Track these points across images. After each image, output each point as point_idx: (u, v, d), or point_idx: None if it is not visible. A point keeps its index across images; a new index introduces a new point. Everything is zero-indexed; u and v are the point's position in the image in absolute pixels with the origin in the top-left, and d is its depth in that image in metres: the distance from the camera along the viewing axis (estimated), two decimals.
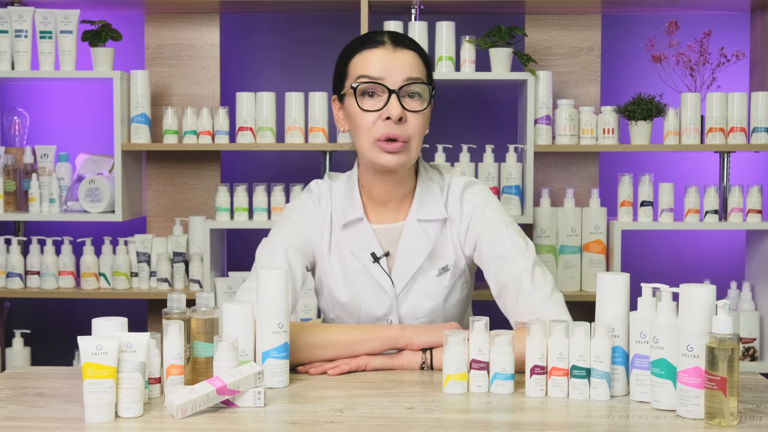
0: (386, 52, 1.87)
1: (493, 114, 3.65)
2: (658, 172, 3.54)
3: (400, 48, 1.88)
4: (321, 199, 1.99)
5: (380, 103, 1.86)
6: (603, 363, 1.60)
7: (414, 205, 1.95)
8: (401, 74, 1.86)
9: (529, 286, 1.85)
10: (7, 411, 1.54)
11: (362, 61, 1.88)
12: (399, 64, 1.86)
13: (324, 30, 3.65)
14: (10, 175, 3.38)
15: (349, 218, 1.95)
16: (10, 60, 3.33)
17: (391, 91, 1.85)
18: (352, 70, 1.90)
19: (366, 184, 1.97)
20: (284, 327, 1.68)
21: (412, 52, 1.89)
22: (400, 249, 1.94)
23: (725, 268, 3.60)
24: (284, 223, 1.98)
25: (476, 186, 1.99)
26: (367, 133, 1.87)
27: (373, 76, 1.86)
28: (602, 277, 1.63)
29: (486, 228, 1.93)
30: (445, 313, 1.97)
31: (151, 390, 1.60)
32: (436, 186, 1.98)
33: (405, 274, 1.93)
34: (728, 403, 1.45)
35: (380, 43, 1.89)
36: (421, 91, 1.88)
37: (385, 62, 1.86)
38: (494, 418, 1.52)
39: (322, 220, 1.97)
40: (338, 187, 2.00)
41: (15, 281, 3.38)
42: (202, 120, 3.32)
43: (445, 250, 1.96)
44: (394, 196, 1.96)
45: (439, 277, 1.95)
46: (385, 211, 1.97)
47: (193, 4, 3.42)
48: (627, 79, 3.61)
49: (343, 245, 1.95)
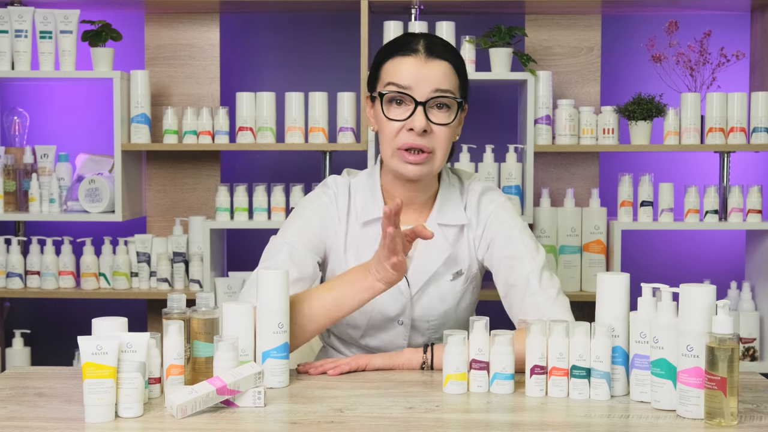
0: (417, 62, 1.85)
1: (493, 114, 3.65)
2: (658, 172, 3.54)
3: (432, 58, 1.86)
4: (338, 196, 1.97)
5: (406, 113, 1.85)
6: (603, 363, 1.60)
7: (435, 210, 1.96)
8: (430, 86, 1.84)
9: (537, 287, 1.86)
10: (7, 411, 1.54)
11: (393, 68, 1.87)
12: (429, 74, 1.85)
13: (324, 30, 3.65)
14: (10, 175, 3.38)
15: (370, 216, 1.94)
16: (10, 60, 3.33)
17: (417, 103, 1.84)
18: (384, 74, 1.89)
19: (387, 185, 1.96)
20: (284, 327, 1.68)
21: (444, 62, 1.87)
22: (419, 251, 1.93)
23: (725, 268, 3.60)
24: (295, 220, 1.97)
25: (493, 192, 2.00)
26: (390, 140, 1.87)
27: (402, 85, 1.85)
28: (602, 277, 1.63)
29: (499, 229, 1.94)
30: (456, 317, 1.99)
31: (151, 390, 1.60)
32: (457, 192, 1.98)
33: (421, 276, 1.94)
34: (728, 403, 1.45)
35: (413, 51, 1.86)
36: (449, 103, 1.87)
37: (414, 72, 1.85)
38: (494, 418, 1.52)
39: (337, 216, 1.96)
40: (358, 183, 1.99)
41: (15, 281, 3.38)
42: (202, 120, 3.32)
43: (460, 255, 1.96)
44: (416, 201, 1.96)
45: (453, 281, 1.95)
46: (406, 212, 1.95)
47: (193, 4, 3.42)
48: (627, 79, 3.61)
49: (362, 242, 1.94)
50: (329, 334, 2.08)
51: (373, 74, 1.93)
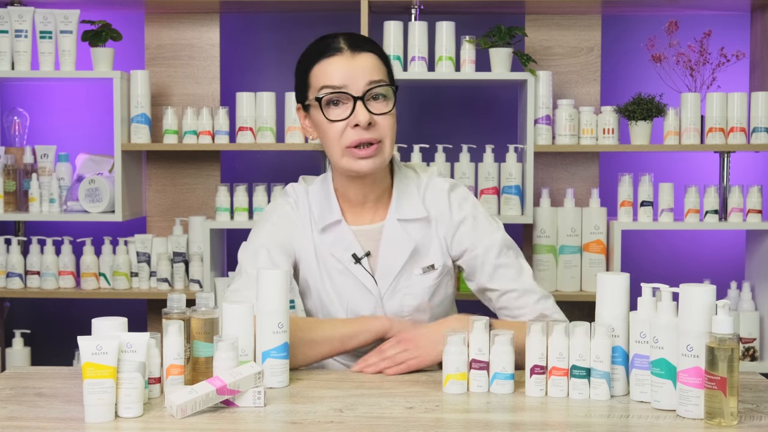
0: (345, 59, 1.87)
1: (493, 114, 3.65)
2: (658, 172, 3.54)
3: (357, 52, 1.88)
4: (298, 202, 2.00)
5: (346, 111, 1.86)
6: (603, 363, 1.60)
7: (392, 205, 1.96)
8: (363, 79, 1.86)
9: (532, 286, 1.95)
10: (7, 411, 1.54)
11: (322, 71, 1.88)
12: (359, 69, 1.87)
13: (324, 30, 3.57)
14: (10, 175, 3.38)
15: (327, 221, 1.95)
16: (10, 60, 3.33)
17: (355, 98, 1.85)
18: (314, 80, 1.89)
19: (340, 188, 1.97)
20: (284, 327, 1.68)
21: (370, 54, 1.89)
22: (382, 249, 1.95)
23: (725, 268, 3.60)
24: (263, 226, 1.99)
25: (461, 189, 2.02)
26: (337, 142, 1.88)
27: (336, 85, 1.86)
28: (602, 277, 1.63)
29: (479, 237, 1.97)
30: (432, 311, 1.99)
31: (151, 390, 1.60)
32: (413, 185, 1.99)
33: (389, 273, 1.94)
34: (728, 403, 1.45)
35: (337, 50, 1.88)
36: (384, 92, 1.89)
37: (345, 70, 1.86)
38: (494, 418, 1.52)
39: (301, 223, 1.98)
40: (314, 190, 2.00)
41: (15, 281, 3.38)
42: (202, 120, 3.32)
43: (430, 249, 1.97)
44: (370, 197, 1.97)
45: (423, 275, 1.96)
46: (362, 212, 1.97)
47: (193, 4, 3.42)
48: (627, 79, 3.61)
49: (324, 248, 1.96)
50: None
51: (301, 83, 1.94)
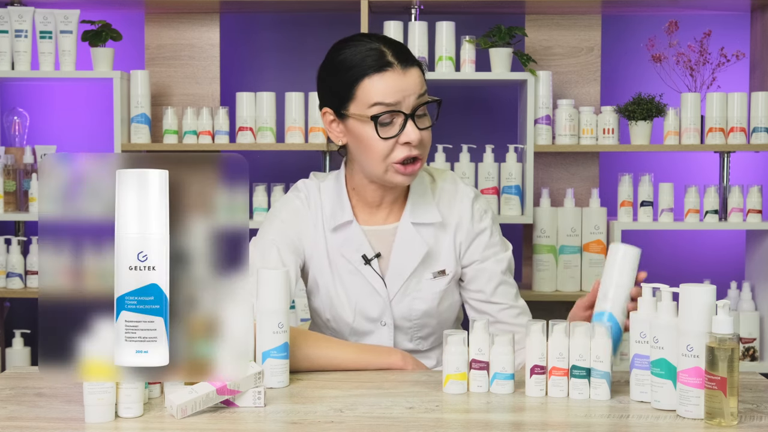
0: (397, 76, 1.83)
1: (493, 114, 3.65)
2: (658, 172, 3.54)
3: (406, 67, 1.84)
4: (309, 198, 1.97)
5: (396, 128, 1.83)
6: (603, 363, 1.60)
7: (407, 208, 1.95)
8: (413, 96, 1.83)
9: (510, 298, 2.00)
10: (7, 411, 1.54)
11: (374, 88, 1.82)
12: (409, 85, 1.83)
13: (324, 30, 3.65)
14: (10, 175, 3.38)
15: (339, 221, 1.94)
16: (10, 60, 3.33)
17: (406, 116, 1.83)
18: (362, 94, 1.83)
19: (358, 188, 1.95)
20: (284, 327, 1.68)
21: (416, 69, 1.86)
22: (395, 251, 1.93)
23: (725, 268, 3.60)
24: (273, 222, 1.97)
25: (483, 200, 2.01)
26: (383, 158, 1.85)
27: (389, 102, 1.82)
28: (614, 246, 1.70)
29: (492, 251, 1.98)
30: (439, 316, 1.98)
31: (151, 390, 1.60)
32: (428, 189, 1.98)
33: (399, 276, 1.93)
34: (728, 403, 1.45)
35: (389, 64, 1.83)
36: (429, 107, 1.88)
37: (398, 87, 1.82)
38: (494, 418, 1.52)
39: (312, 219, 1.96)
40: (326, 187, 1.98)
41: (15, 281, 3.38)
42: (202, 120, 3.32)
43: (443, 254, 1.96)
44: (387, 199, 1.96)
45: (434, 280, 1.95)
46: (376, 212, 1.96)
47: (193, 4, 3.42)
48: (627, 79, 3.61)
49: (334, 248, 1.94)
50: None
51: (343, 92, 1.86)
